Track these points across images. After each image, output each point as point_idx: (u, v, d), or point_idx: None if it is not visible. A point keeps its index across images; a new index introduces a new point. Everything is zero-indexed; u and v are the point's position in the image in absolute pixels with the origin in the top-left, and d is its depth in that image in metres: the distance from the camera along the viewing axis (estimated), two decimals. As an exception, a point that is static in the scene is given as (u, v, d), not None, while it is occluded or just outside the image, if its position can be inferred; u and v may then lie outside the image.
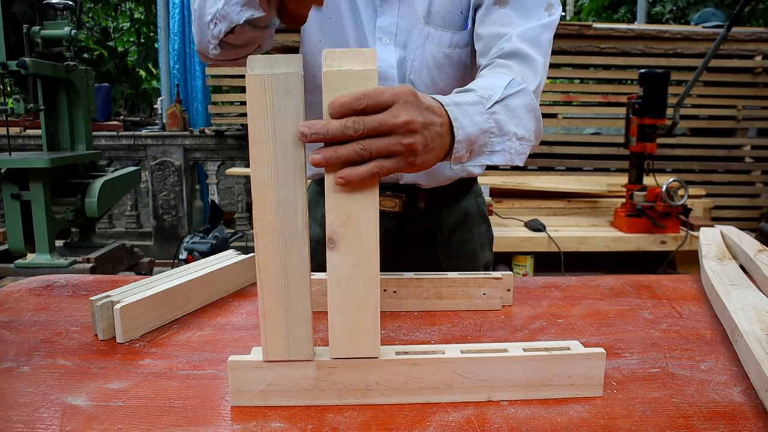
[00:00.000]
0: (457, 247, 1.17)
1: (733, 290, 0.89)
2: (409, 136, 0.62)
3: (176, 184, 4.76)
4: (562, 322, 0.87)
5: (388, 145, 0.61)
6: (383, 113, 0.60)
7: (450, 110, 0.71)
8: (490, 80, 0.83)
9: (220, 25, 0.89)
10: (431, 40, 1.01)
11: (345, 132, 0.58)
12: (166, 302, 0.86)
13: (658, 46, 4.32)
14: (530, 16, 0.94)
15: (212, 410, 0.62)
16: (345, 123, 0.58)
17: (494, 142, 0.78)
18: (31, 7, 3.05)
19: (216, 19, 0.89)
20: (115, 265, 3.29)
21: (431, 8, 1.00)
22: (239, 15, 0.87)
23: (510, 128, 0.79)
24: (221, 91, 5.17)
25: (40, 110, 3.07)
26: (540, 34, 0.93)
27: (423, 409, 0.63)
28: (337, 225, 0.60)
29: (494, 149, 0.78)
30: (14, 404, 0.63)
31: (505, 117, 0.78)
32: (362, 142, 0.60)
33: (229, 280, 0.99)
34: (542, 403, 0.64)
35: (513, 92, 0.81)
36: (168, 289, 0.86)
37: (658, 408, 0.62)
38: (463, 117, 0.72)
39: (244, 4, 0.85)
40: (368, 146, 0.60)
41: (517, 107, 0.81)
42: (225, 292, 0.98)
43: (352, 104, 0.58)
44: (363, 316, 0.62)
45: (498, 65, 0.89)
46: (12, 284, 1.03)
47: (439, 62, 1.02)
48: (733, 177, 4.58)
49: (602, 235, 3.39)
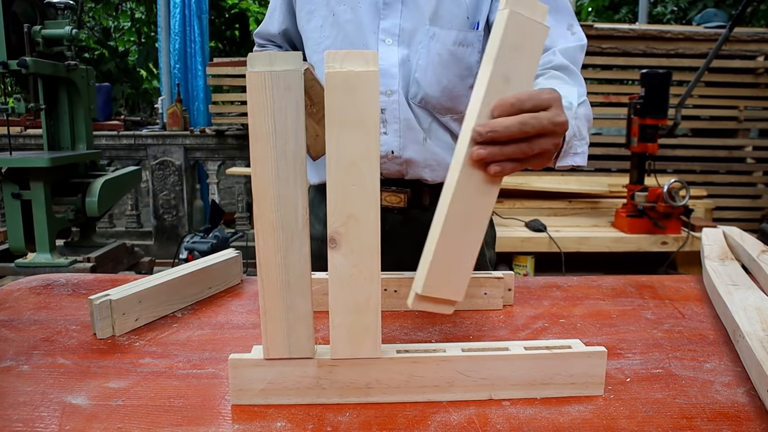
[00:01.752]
0: None
1: (734, 291, 0.89)
2: (559, 137, 0.66)
3: (177, 183, 4.76)
4: (563, 322, 0.87)
5: (547, 145, 0.64)
6: (547, 113, 0.63)
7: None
8: (563, 88, 0.88)
9: None
10: (437, 39, 1.02)
11: (523, 129, 0.60)
12: (155, 296, 0.87)
13: (659, 46, 4.31)
14: (554, 32, 1.00)
15: (212, 409, 0.62)
16: (524, 120, 0.60)
17: (576, 144, 0.86)
18: (32, 7, 3.04)
19: None
20: (115, 264, 3.29)
21: (438, 11, 1.02)
22: None
23: (585, 133, 0.88)
24: (222, 91, 5.17)
25: (40, 110, 3.07)
26: (577, 54, 1.01)
27: (424, 408, 0.62)
28: (339, 225, 0.60)
29: (576, 151, 0.86)
30: (14, 403, 0.63)
31: (580, 123, 0.87)
32: (531, 142, 0.62)
33: (216, 276, 0.99)
34: (544, 403, 0.63)
35: (580, 102, 0.89)
36: (156, 284, 0.88)
37: (661, 409, 0.62)
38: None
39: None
40: (535, 145, 0.62)
41: (582, 116, 0.89)
42: (215, 287, 0.99)
43: (520, 105, 0.60)
44: (364, 315, 0.62)
45: (554, 76, 0.94)
46: (12, 283, 1.03)
47: (445, 60, 1.02)
48: (734, 178, 4.58)
49: (603, 235, 3.38)
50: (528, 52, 0.61)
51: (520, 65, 0.61)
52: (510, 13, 0.59)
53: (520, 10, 0.59)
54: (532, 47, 0.61)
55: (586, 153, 0.88)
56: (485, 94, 0.60)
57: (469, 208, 0.60)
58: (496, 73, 0.59)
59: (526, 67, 0.61)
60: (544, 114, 0.62)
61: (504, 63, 0.60)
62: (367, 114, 0.58)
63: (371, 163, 0.58)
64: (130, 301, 0.82)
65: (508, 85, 0.60)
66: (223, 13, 7.43)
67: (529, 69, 0.62)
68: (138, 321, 0.84)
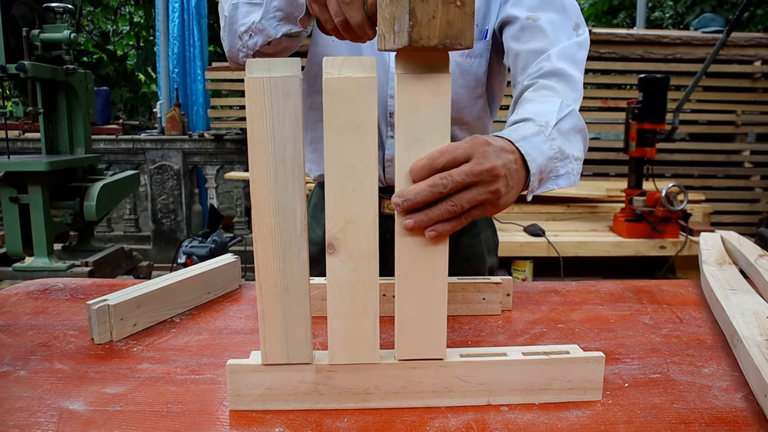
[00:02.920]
0: (464, 251, 1.17)
1: (732, 295, 0.89)
2: (494, 183, 0.64)
3: (175, 187, 4.75)
4: (562, 327, 0.87)
5: (476, 196, 0.63)
6: (467, 165, 0.62)
7: (520, 146, 0.73)
8: (541, 106, 0.85)
9: (255, 37, 0.90)
10: None
11: (434, 191, 0.60)
12: (153, 301, 0.87)
13: (657, 51, 4.33)
14: (561, 32, 0.96)
15: (210, 415, 0.62)
16: (434, 182, 0.60)
17: (558, 166, 0.81)
18: (30, 10, 3.05)
19: (251, 31, 0.90)
20: (113, 268, 3.29)
21: None
22: (276, 29, 0.88)
23: (569, 151, 0.82)
24: (221, 95, 5.18)
25: (39, 113, 3.07)
26: (576, 53, 0.96)
27: (423, 414, 0.62)
28: (337, 230, 0.60)
29: (559, 173, 0.81)
30: (10, 409, 0.62)
31: (562, 141, 0.81)
32: (452, 199, 0.62)
33: (215, 281, 0.99)
34: (542, 408, 0.63)
35: (563, 116, 0.84)
36: (154, 289, 0.87)
37: (659, 414, 0.62)
38: (532, 150, 0.75)
39: (282, 19, 0.86)
40: (458, 202, 0.62)
41: (568, 130, 0.84)
42: (214, 293, 0.99)
43: (431, 165, 0.60)
44: (362, 321, 0.62)
45: (542, 86, 0.91)
46: (10, 287, 1.03)
47: (451, 71, 1.02)
48: (732, 182, 4.59)
49: (601, 240, 3.38)
50: (430, 106, 0.59)
51: (427, 122, 0.59)
52: (397, 77, 0.59)
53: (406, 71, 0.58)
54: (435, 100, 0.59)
55: (575, 171, 0.83)
56: (399, 163, 0.60)
57: (420, 272, 0.62)
58: (404, 138, 0.60)
59: (437, 122, 0.60)
60: (458, 169, 0.61)
61: (408, 126, 0.59)
62: (365, 120, 0.58)
63: (369, 169, 0.59)
64: (128, 306, 0.82)
65: (423, 145, 0.60)
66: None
67: (440, 122, 0.60)
68: (136, 326, 0.84)
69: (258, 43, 0.90)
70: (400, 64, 0.59)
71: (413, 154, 0.60)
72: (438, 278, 0.62)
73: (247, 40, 0.91)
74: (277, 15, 0.86)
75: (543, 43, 0.95)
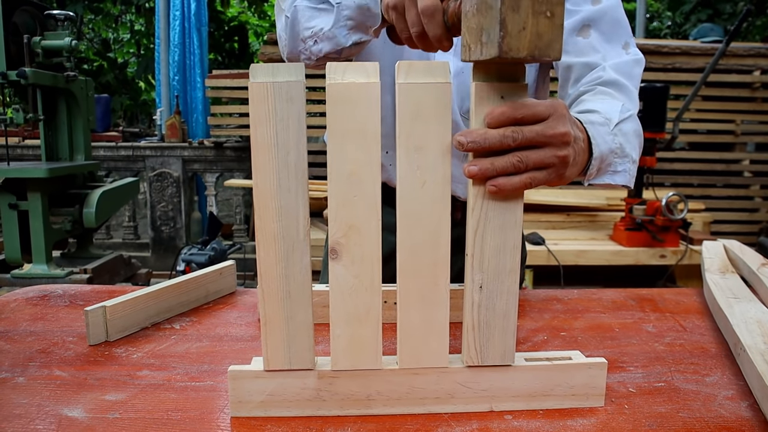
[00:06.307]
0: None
1: (735, 303, 0.89)
2: (564, 149, 0.63)
3: (174, 195, 4.75)
4: (564, 335, 0.86)
5: (543, 158, 0.61)
6: (540, 124, 0.61)
7: (588, 128, 0.74)
8: (603, 104, 0.85)
9: (321, 44, 0.89)
10: None
11: (503, 141, 0.58)
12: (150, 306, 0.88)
13: (656, 60, 4.34)
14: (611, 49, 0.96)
15: (211, 423, 0.61)
16: (504, 132, 0.58)
17: (617, 162, 0.81)
18: (32, 18, 3.06)
19: (317, 37, 0.89)
20: (112, 276, 3.28)
21: None
22: (346, 38, 0.87)
23: (628, 150, 0.82)
24: (221, 103, 5.19)
25: (39, 120, 3.08)
26: (633, 68, 0.95)
27: (426, 422, 0.62)
28: (340, 236, 0.59)
29: (617, 169, 0.81)
30: (9, 416, 0.62)
31: (623, 140, 0.81)
32: (519, 154, 0.60)
33: (210, 284, 0.99)
34: (547, 416, 0.63)
35: (625, 117, 0.83)
36: (150, 293, 0.88)
37: (664, 423, 0.61)
38: (598, 135, 0.75)
39: (352, 28, 0.86)
40: (525, 158, 0.60)
41: (629, 132, 0.83)
42: (210, 296, 1.00)
43: (511, 114, 0.58)
44: (365, 327, 0.61)
45: (601, 92, 0.91)
46: (9, 294, 1.02)
47: None
48: (732, 191, 4.59)
49: (601, 248, 3.38)
50: (432, 116, 0.59)
51: (427, 131, 0.59)
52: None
53: (410, 80, 0.58)
54: (437, 110, 0.59)
55: (631, 173, 0.83)
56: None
57: (422, 279, 0.62)
58: (404, 146, 0.59)
59: (437, 131, 0.59)
60: (531, 126, 0.60)
61: (410, 134, 0.59)
62: (368, 125, 0.58)
63: (372, 174, 0.58)
64: (124, 310, 0.82)
65: (422, 152, 0.59)
66: (222, 25, 7.48)
67: (440, 132, 0.59)
68: (133, 331, 0.83)
69: (324, 50, 0.89)
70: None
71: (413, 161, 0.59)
72: (440, 285, 0.62)
73: (311, 45, 0.90)
74: (348, 24, 0.86)
75: (595, 58, 0.95)
